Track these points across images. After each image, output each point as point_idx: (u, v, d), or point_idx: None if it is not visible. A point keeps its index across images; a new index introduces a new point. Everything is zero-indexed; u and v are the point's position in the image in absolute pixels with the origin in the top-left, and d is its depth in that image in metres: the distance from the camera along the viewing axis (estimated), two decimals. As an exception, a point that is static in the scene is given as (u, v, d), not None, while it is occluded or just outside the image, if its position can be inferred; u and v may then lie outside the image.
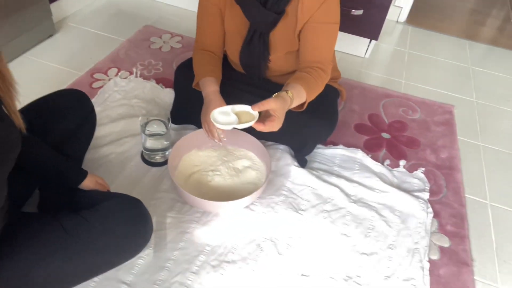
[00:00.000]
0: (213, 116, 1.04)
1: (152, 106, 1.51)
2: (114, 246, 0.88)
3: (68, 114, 1.06)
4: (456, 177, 1.42)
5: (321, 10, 1.07)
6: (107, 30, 1.95)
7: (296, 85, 1.06)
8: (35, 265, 0.81)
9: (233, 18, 1.16)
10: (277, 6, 1.09)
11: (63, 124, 1.05)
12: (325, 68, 1.13)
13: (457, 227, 1.25)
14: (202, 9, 1.19)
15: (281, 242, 1.12)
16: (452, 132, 1.63)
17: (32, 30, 1.71)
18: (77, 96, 1.11)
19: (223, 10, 1.17)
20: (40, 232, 0.84)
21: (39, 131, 0.97)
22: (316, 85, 1.11)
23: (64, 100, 1.08)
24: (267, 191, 1.25)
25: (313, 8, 1.07)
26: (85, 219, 0.86)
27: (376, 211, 1.24)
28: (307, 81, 1.09)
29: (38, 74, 1.62)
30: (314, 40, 1.12)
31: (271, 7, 1.09)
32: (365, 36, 1.94)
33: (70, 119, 1.06)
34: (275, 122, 0.99)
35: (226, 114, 1.05)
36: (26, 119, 0.74)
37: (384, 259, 1.12)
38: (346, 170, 1.36)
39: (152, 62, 1.76)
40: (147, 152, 1.27)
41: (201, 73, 1.20)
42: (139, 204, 0.95)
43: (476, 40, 2.40)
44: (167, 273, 1.01)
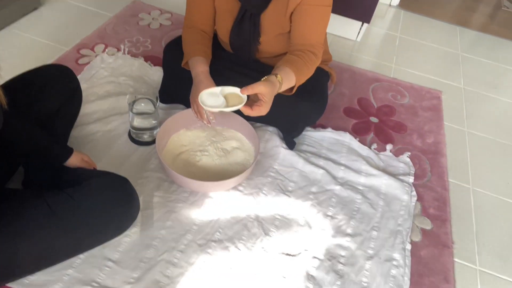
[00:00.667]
0: (201, 98, 1.03)
1: (140, 84, 1.48)
2: (99, 224, 0.89)
3: (53, 90, 1.03)
4: (441, 162, 1.45)
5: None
6: (94, 4, 1.89)
7: (285, 69, 1.05)
8: (19, 241, 0.80)
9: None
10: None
11: (48, 100, 1.02)
12: (316, 52, 1.12)
13: (440, 211, 1.28)
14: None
15: (268, 223, 1.13)
16: (439, 118, 1.65)
17: (16, 2, 1.65)
18: (62, 71, 1.09)
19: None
20: (24, 209, 0.83)
21: (22, 107, 0.95)
22: (306, 69, 1.10)
23: (48, 76, 1.05)
24: (255, 172, 1.25)
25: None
26: (71, 197, 0.86)
27: (362, 194, 1.26)
28: (297, 64, 1.08)
29: (22, 48, 1.57)
30: (306, 22, 1.11)
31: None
32: (357, 19, 1.93)
33: (55, 95, 1.04)
34: (263, 107, 0.99)
35: (214, 96, 1.04)
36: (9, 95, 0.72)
37: (367, 240, 1.14)
38: (333, 153, 1.37)
39: (140, 39, 1.72)
40: (135, 131, 1.26)
41: (190, 52, 1.18)
42: (126, 182, 0.94)
43: (467, 26, 2.40)
44: (154, 251, 1.02)
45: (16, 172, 1.06)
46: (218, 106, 1.01)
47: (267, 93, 0.98)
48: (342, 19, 1.94)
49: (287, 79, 1.05)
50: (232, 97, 1.03)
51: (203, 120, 1.18)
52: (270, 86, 0.99)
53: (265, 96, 0.98)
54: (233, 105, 1.00)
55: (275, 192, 1.21)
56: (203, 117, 1.16)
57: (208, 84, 1.12)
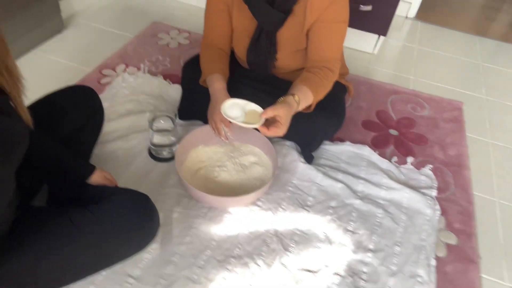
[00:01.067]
0: (224, 106, 1.05)
1: (160, 102, 1.52)
2: (121, 241, 0.90)
3: (76, 110, 1.07)
4: (464, 174, 1.41)
5: (330, 9, 1.06)
6: (115, 26, 1.96)
7: (302, 88, 1.06)
8: (43, 257, 0.82)
9: (241, 16, 1.16)
10: (284, 6, 1.08)
11: (71, 119, 1.06)
12: (333, 68, 1.13)
13: (465, 225, 1.24)
14: (210, 6, 1.20)
15: (287, 238, 1.12)
16: (460, 129, 1.61)
17: (41, 26, 1.72)
18: (85, 92, 1.12)
19: (231, 8, 1.17)
20: (48, 225, 0.85)
21: (47, 127, 0.98)
22: (323, 86, 1.11)
23: (72, 96, 1.09)
24: (273, 187, 1.25)
25: (322, 7, 1.06)
26: (93, 214, 0.87)
27: (383, 208, 1.23)
28: (314, 82, 1.09)
29: (47, 70, 1.63)
30: (322, 39, 1.11)
31: (279, 7, 1.08)
32: (373, 32, 1.93)
33: (78, 114, 1.07)
34: (280, 129, 1.01)
35: (237, 108, 1.06)
36: (35, 115, 0.75)
37: (390, 256, 1.12)
38: (352, 166, 1.36)
39: (159, 58, 1.77)
40: (155, 148, 1.28)
41: (208, 69, 1.20)
42: (147, 199, 0.96)
43: (486, 36, 2.36)
44: (174, 268, 1.02)
45: (41, 190, 1.09)
46: (236, 119, 1.03)
47: (284, 115, 1.00)
48: (358, 32, 1.94)
49: (304, 98, 1.06)
50: (252, 114, 1.05)
51: (221, 136, 1.19)
52: (288, 108, 1.01)
53: (282, 118, 1.00)
54: (250, 122, 1.02)
55: (294, 207, 1.20)
56: (220, 133, 1.18)
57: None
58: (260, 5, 1.09)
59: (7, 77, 0.64)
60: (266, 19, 1.12)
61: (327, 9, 1.07)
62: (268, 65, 1.23)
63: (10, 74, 0.65)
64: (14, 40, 1.61)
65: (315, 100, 1.09)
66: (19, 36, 1.63)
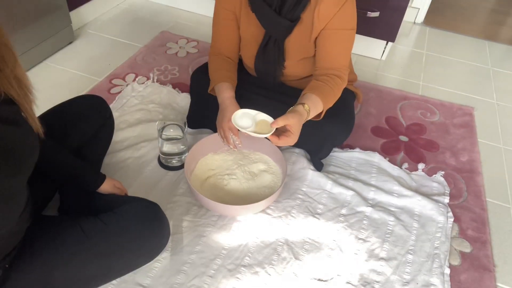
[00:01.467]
0: (235, 116, 1.06)
1: (169, 110, 1.53)
2: (132, 250, 0.90)
3: (87, 119, 1.08)
4: (477, 181, 1.39)
5: (337, 16, 1.06)
6: (125, 36, 1.98)
7: (312, 96, 1.06)
8: (55, 267, 0.82)
9: (249, 25, 1.17)
10: (291, 14, 1.08)
11: (82, 128, 1.07)
12: (342, 75, 1.12)
13: (479, 232, 1.22)
14: (217, 15, 1.20)
15: (298, 247, 1.11)
16: (472, 135, 1.59)
17: (52, 37, 1.75)
18: (95, 101, 1.13)
19: (238, 16, 1.17)
20: (60, 235, 0.85)
21: (58, 136, 0.99)
22: (332, 94, 1.11)
23: (82, 105, 1.10)
24: (283, 195, 1.24)
25: (329, 15, 1.06)
26: (104, 223, 0.87)
27: (394, 216, 1.22)
28: (323, 90, 1.09)
29: (58, 80, 1.65)
30: (330, 46, 1.11)
31: (286, 15, 1.09)
32: (381, 38, 1.92)
33: (89, 123, 1.08)
34: (290, 138, 1.00)
35: (247, 117, 1.07)
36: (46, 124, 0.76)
37: (403, 264, 1.10)
38: (363, 173, 1.35)
39: (168, 67, 1.78)
40: (164, 156, 1.29)
41: (216, 78, 1.20)
42: (157, 208, 0.96)
43: (495, 40, 2.35)
44: (184, 277, 1.02)
45: (52, 198, 1.10)
46: (247, 128, 1.04)
47: (294, 124, 1.00)
48: (366, 39, 1.94)
49: (314, 106, 1.06)
50: (262, 124, 1.05)
51: (229, 145, 1.19)
52: (298, 117, 1.01)
53: (292, 128, 1.00)
54: (261, 132, 1.02)
55: (304, 215, 1.19)
56: (229, 141, 1.18)
57: (234, 109, 1.13)
58: (268, 13, 1.09)
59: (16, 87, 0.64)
60: (273, 27, 1.13)
61: (334, 17, 1.06)
62: (276, 73, 1.23)
63: (20, 84, 0.65)
64: (26, 51, 1.64)
65: (325, 108, 1.09)
66: (31, 47, 1.66)
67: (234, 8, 1.16)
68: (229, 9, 1.17)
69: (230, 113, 1.11)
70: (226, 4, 1.16)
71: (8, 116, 0.66)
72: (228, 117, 1.12)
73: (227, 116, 1.13)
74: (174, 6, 2.28)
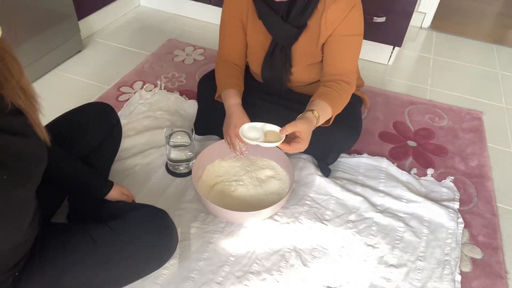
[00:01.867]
0: (242, 130, 1.06)
1: (176, 117, 1.53)
2: (140, 257, 0.90)
3: (93, 126, 1.09)
4: (487, 186, 1.37)
5: (344, 23, 1.06)
6: (132, 44, 2.00)
7: (321, 103, 1.06)
8: (64, 274, 0.83)
9: (255, 32, 1.17)
10: (298, 20, 1.09)
11: (89, 136, 1.07)
12: (350, 81, 1.12)
13: (490, 238, 1.20)
14: (224, 22, 1.21)
15: (306, 253, 1.10)
16: (481, 139, 1.58)
17: (61, 46, 1.77)
18: (102, 108, 1.14)
19: (245, 23, 1.18)
20: (69, 242, 0.86)
21: (65, 144, 1.00)
22: (341, 100, 1.11)
23: (89, 113, 1.11)
24: (290, 201, 1.24)
25: (336, 21, 1.06)
26: (112, 230, 0.88)
27: (404, 222, 1.21)
28: (332, 96, 1.09)
29: (67, 89, 1.67)
30: (338, 53, 1.11)
31: (293, 21, 1.09)
32: (388, 43, 1.92)
33: (96, 131, 1.09)
34: (301, 144, 1.00)
35: (255, 130, 1.07)
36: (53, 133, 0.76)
37: (413, 271, 1.08)
38: (371, 179, 1.34)
39: (175, 75, 1.79)
40: (172, 163, 1.29)
41: (223, 85, 1.21)
42: (165, 215, 0.96)
43: (503, 44, 2.33)
44: (192, 284, 1.01)
45: (61, 206, 1.10)
46: (257, 139, 1.04)
47: (304, 130, 0.99)
48: (373, 44, 1.94)
49: (324, 113, 1.06)
50: (271, 133, 1.06)
51: (236, 151, 1.19)
52: (308, 123, 1.00)
53: (302, 134, 1.00)
54: (271, 141, 1.02)
55: (312, 221, 1.18)
56: (235, 148, 1.18)
57: (240, 116, 1.13)
58: (274, 20, 1.10)
59: (22, 96, 0.65)
60: (280, 34, 1.13)
61: (341, 23, 1.07)
62: (283, 79, 1.23)
63: (25, 93, 0.66)
64: (35, 60, 1.66)
65: (334, 114, 1.09)
66: (41, 56, 1.68)
67: (241, 15, 1.17)
68: (235, 16, 1.17)
69: (236, 120, 1.12)
70: (233, 12, 1.17)
71: (17, 127, 0.67)
72: (235, 124, 1.12)
73: (233, 122, 1.13)
74: (181, 14, 2.30)
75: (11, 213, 0.68)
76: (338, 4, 1.04)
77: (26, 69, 0.76)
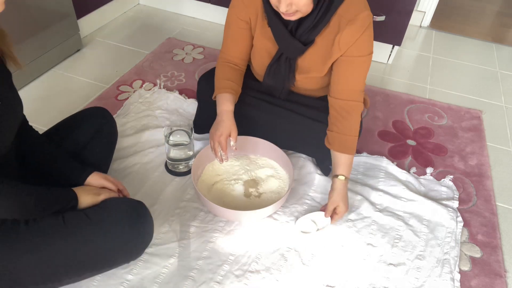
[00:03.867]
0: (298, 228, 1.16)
1: (176, 116, 1.53)
2: (110, 244, 0.88)
3: (81, 124, 1.11)
4: (486, 185, 1.37)
5: (357, 44, 1.04)
6: (131, 43, 2.00)
7: (342, 159, 1.13)
8: (30, 251, 0.82)
9: (263, 37, 1.16)
10: (306, 36, 1.07)
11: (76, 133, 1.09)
12: (358, 98, 1.11)
13: (489, 237, 1.20)
14: (229, 22, 1.19)
15: (305, 252, 1.10)
16: (480, 138, 1.58)
17: (60, 45, 1.77)
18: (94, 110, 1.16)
19: (253, 27, 1.16)
20: (40, 222, 0.85)
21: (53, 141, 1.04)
22: (354, 127, 1.13)
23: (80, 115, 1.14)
24: (290, 200, 1.24)
25: (350, 42, 1.04)
26: (86, 215, 0.88)
27: (403, 220, 1.21)
28: (345, 139, 1.12)
29: (66, 88, 1.67)
30: (348, 72, 1.10)
31: (301, 37, 1.08)
32: (388, 42, 1.92)
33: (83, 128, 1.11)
34: (339, 214, 1.13)
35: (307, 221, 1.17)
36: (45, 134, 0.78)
37: (412, 270, 1.09)
38: (370, 178, 1.34)
39: (175, 74, 1.79)
40: (171, 162, 1.29)
41: (220, 87, 1.20)
42: (141, 206, 0.94)
43: (503, 43, 2.33)
44: (191, 283, 1.01)
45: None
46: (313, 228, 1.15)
47: (339, 200, 1.12)
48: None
49: (349, 166, 1.14)
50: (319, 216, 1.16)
51: (216, 157, 1.18)
52: (341, 194, 1.12)
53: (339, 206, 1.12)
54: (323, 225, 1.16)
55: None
56: (217, 154, 1.17)
57: (229, 125, 1.13)
58: (282, 32, 1.08)
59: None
60: (286, 47, 1.12)
61: (354, 44, 1.05)
62: (284, 87, 1.23)
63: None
64: (35, 59, 1.66)
65: (352, 151, 1.14)
66: (40, 55, 1.68)
67: (249, 18, 1.15)
68: (242, 18, 1.15)
69: (223, 128, 1.12)
70: (240, 14, 1.15)
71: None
72: (221, 132, 1.12)
73: (220, 130, 1.13)
74: (180, 13, 2.30)
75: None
76: (353, 26, 1.02)
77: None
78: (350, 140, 1.13)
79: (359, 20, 1.01)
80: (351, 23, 1.02)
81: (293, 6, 0.94)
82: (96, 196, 0.95)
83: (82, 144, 1.10)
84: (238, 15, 1.15)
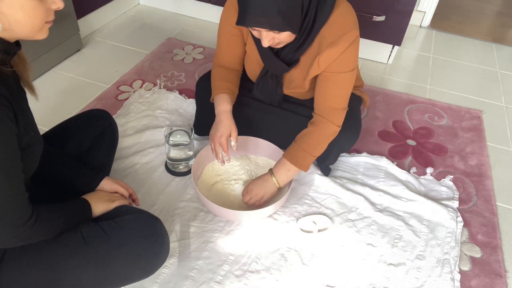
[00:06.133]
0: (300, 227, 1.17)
1: (176, 116, 1.53)
2: (128, 261, 0.87)
3: (83, 128, 1.09)
4: (486, 185, 1.37)
5: (338, 61, 1.04)
6: (132, 43, 2.00)
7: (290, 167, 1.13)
8: (50, 268, 0.82)
9: (254, 49, 1.16)
10: (290, 56, 1.07)
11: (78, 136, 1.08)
12: (334, 120, 1.11)
13: (489, 237, 1.20)
14: (221, 27, 1.18)
15: (305, 252, 1.10)
16: (481, 138, 1.58)
17: (60, 45, 1.77)
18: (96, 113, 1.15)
19: (245, 34, 1.16)
20: (59, 238, 0.85)
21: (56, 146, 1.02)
22: (319, 146, 1.13)
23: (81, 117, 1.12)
24: (290, 200, 1.24)
25: (330, 59, 1.04)
26: (103, 231, 0.86)
27: (403, 220, 1.21)
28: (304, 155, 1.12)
29: (66, 88, 1.67)
30: (328, 88, 1.09)
31: (285, 57, 1.08)
32: (387, 42, 1.92)
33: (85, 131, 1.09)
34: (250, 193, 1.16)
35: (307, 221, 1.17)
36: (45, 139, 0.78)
37: (412, 270, 1.09)
38: (370, 178, 1.34)
39: (175, 74, 1.79)
40: (171, 162, 1.29)
41: (216, 88, 1.20)
42: (159, 223, 0.93)
43: (503, 43, 2.33)
44: (192, 283, 1.01)
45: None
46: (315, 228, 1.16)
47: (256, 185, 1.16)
48: (372, 43, 1.94)
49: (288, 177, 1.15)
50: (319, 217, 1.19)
51: (217, 159, 1.18)
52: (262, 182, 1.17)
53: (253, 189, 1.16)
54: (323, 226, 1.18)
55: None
56: (218, 156, 1.17)
57: (228, 124, 1.13)
58: (267, 53, 1.09)
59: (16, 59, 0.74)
60: (271, 66, 1.13)
61: (335, 61, 1.04)
62: (273, 100, 1.24)
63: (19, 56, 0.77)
64: (35, 59, 1.65)
65: (312, 158, 1.12)
66: (40, 55, 1.68)
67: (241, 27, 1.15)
68: (234, 26, 1.15)
69: (223, 129, 1.12)
70: (232, 20, 1.14)
71: None
72: (221, 133, 1.12)
73: (220, 131, 1.13)
74: (180, 13, 2.30)
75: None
76: (335, 47, 1.01)
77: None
78: (308, 159, 1.12)
79: (341, 41, 1.00)
80: (333, 45, 1.00)
81: (276, 40, 0.97)
82: (109, 203, 0.95)
83: (86, 147, 1.09)
84: (230, 22, 1.14)
